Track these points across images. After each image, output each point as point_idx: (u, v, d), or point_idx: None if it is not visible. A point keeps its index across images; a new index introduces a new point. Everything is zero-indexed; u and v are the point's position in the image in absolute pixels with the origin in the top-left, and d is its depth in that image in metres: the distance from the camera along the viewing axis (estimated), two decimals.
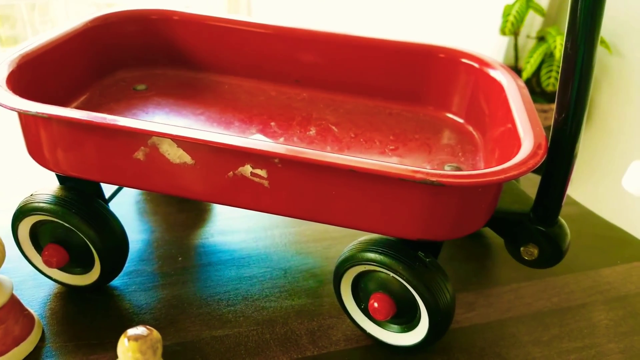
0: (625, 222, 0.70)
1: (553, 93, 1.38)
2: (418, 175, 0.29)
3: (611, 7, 1.38)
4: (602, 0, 0.30)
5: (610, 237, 0.53)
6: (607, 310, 0.44)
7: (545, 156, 0.32)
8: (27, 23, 1.32)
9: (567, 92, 0.33)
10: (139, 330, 0.22)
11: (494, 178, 0.29)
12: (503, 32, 1.45)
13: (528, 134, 0.34)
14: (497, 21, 1.46)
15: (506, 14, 1.41)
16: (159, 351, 0.23)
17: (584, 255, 0.50)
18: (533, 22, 1.54)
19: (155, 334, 0.23)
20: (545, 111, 1.46)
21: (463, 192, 0.31)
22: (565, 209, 0.57)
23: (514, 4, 1.41)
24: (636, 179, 0.67)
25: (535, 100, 1.46)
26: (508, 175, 0.29)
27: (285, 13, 1.43)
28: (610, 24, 1.38)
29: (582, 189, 1.53)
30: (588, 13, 0.30)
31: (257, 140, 0.31)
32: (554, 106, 0.36)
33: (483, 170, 0.30)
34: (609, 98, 1.43)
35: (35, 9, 1.32)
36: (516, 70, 1.55)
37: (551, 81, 1.44)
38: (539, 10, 1.43)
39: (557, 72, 1.41)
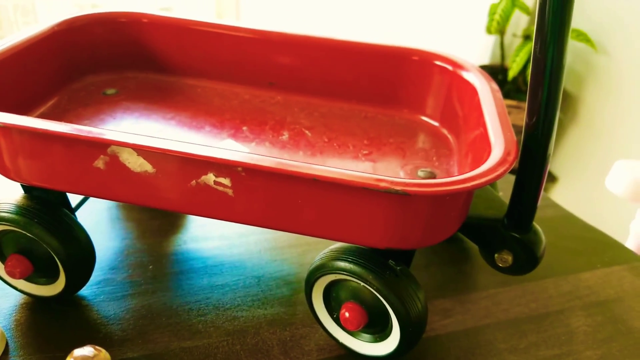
0: (608, 223, 0.70)
1: None
2: (382, 184, 0.28)
3: (596, 5, 1.38)
4: (570, 2, 0.30)
5: (590, 239, 0.53)
6: (585, 316, 0.44)
7: (514, 163, 0.32)
8: (14, 24, 1.30)
9: (537, 96, 0.32)
10: (86, 350, 0.21)
11: (460, 186, 0.29)
12: (489, 31, 1.44)
13: (499, 139, 0.33)
14: (483, 20, 1.46)
15: (492, 12, 1.41)
16: None
17: (563, 259, 0.50)
18: (519, 21, 1.55)
19: (104, 354, 0.22)
20: None
21: (430, 200, 0.30)
22: (544, 211, 0.56)
23: (499, 3, 1.40)
24: (619, 179, 0.67)
25: (521, 99, 1.46)
26: (475, 183, 0.29)
27: (273, 16, 1.42)
28: (596, 22, 1.38)
29: (565, 189, 1.53)
30: (556, 15, 0.29)
31: (217, 148, 0.30)
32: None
33: (449, 178, 0.29)
34: (594, 96, 1.43)
35: (18, 9, 1.30)
36: (502, 68, 1.55)
37: None
38: (524, 9, 1.43)
39: None
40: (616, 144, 1.35)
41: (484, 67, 1.59)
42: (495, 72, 1.54)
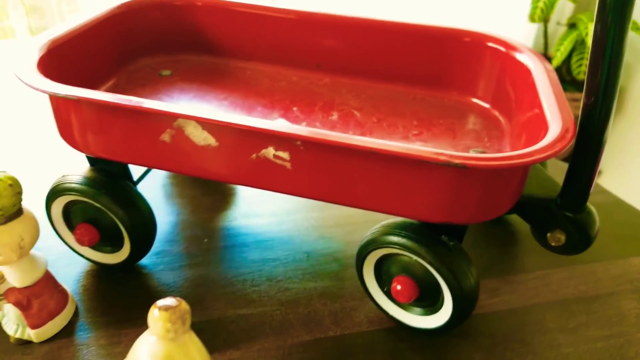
0: None
1: (584, 81, 1.34)
2: (441, 158, 0.29)
3: None
4: None
5: (639, 225, 0.52)
6: (636, 299, 0.43)
7: (573, 140, 0.32)
8: (56, 14, 1.35)
9: (597, 76, 0.32)
10: (169, 301, 0.23)
11: (520, 161, 0.29)
12: (532, 18, 1.41)
13: (556, 117, 0.33)
14: (526, 7, 1.42)
15: (536, 0, 1.38)
16: (188, 322, 0.24)
17: (612, 244, 0.49)
18: (564, 9, 1.50)
19: (184, 305, 0.23)
20: (575, 100, 1.42)
21: (487, 175, 0.31)
22: (593, 197, 0.55)
23: None
24: None
25: (565, 89, 1.42)
26: (534, 158, 0.29)
27: None
28: None
29: (611, 178, 1.49)
30: None
31: (279, 123, 0.32)
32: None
33: (508, 153, 0.29)
34: None
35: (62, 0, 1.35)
36: (546, 57, 1.51)
37: (582, 69, 1.40)
38: None
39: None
40: None
41: None
42: None
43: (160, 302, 0.23)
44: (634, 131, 1.41)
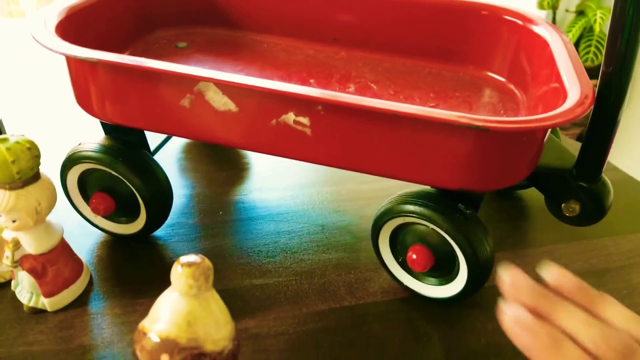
0: None
1: (592, 68, 1.33)
2: (462, 120, 0.29)
3: None
4: None
5: None
6: None
7: (592, 106, 0.32)
8: None
9: (616, 45, 0.32)
10: (192, 257, 0.23)
11: (541, 124, 0.29)
12: (541, 5, 1.40)
13: (574, 84, 0.33)
14: None
15: None
16: (211, 279, 0.24)
17: (623, 219, 0.49)
18: None
19: (207, 262, 0.24)
20: None
21: (507, 139, 0.31)
22: (605, 174, 0.56)
23: None
24: None
25: None
26: (554, 122, 0.29)
27: None
28: None
29: (624, 158, 1.49)
30: None
31: (300, 87, 0.32)
32: (595, 82, 0.35)
33: (529, 116, 0.29)
34: None
35: None
36: None
37: (590, 56, 1.39)
38: None
39: (597, 47, 1.37)
40: None
41: None
42: None
43: (184, 259, 0.23)
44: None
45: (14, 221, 0.33)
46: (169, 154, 0.54)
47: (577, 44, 1.39)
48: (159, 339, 0.22)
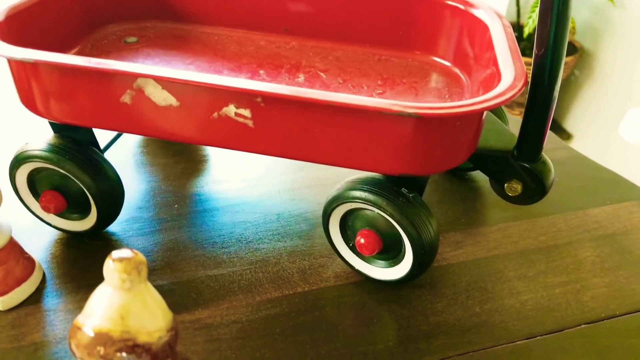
0: (621, 169, 0.70)
1: None
2: (395, 108, 0.29)
3: None
4: None
5: (600, 178, 0.54)
6: (593, 247, 0.45)
7: (523, 88, 0.33)
8: None
9: (546, 27, 0.33)
10: (124, 252, 0.24)
11: (472, 108, 0.30)
12: None
13: (509, 68, 0.34)
14: None
15: None
16: (144, 273, 0.24)
17: (573, 196, 0.51)
18: None
19: (140, 256, 0.24)
20: None
21: (441, 124, 0.32)
22: (556, 153, 0.57)
23: None
24: (633, 126, 0.67)
25: None
26: (484, 105, 0.30)
27: None
28: None
29: (580, 146, 1.52)
30: None
31: (238, 79, 0.32)
32: None
33: (460, 102, 0.30)
34: (610, 52, 1.41)
35: None
36: (518, 26, 1.52)
37: None
38: None
39: None
40: (632, 98, 1.33)
41: None
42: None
43: (115, 254, 0.23)
44: (603, 95, 1.44)
45: None
46: (125, 149, 0.54)
47: None
48: (93, 333, 0.23)
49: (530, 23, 1.39)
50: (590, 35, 1.47)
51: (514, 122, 0.54)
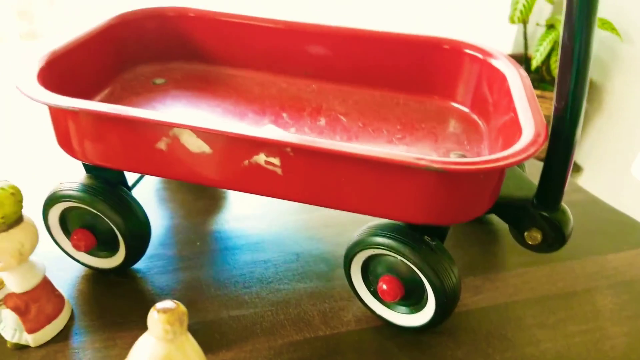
0: (633, 209, 0.71)
1: None
2: (422, 163, 0.30)
3: None
4: None
5: (616, 222, 0.54)
6: (612, 294, 0.45)
7: (544, 144, 0.34)
8: (46, 18, 1.35)
9: (566, 82, 0.34)
10: (167, 304, 0.24)
11: (495, 165, 0.31)
12: (512, 20, 1.44)
13: (529, 122, 0.35)
14: (506, 10, 1.46)
15: (515, 2, 1.41)
16: (185, 323, 0.25)
17: (589, 241, 0.51)
18: (542, 10, 1.54)
19: (182, 307, 0.25)
20: None
21: (465, 178, 0.33)
22: (571, 196, 0.58)
23: None
24: None
25: (545, 88, 1.46)
26: (508, 162, 0.31)
27: (293, 6, 1.44)
28: (621, 10, 1.37)
29: (591, 179, 1.53)
30: (584, 3, 0.31)
31: (270, 131, 0.33)
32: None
33: (484, 157, 0.31)
34: (619, 85, 1.42)
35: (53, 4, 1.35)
36: (526, 58, 1.54)
37: None
38: None
39: None
40: None
41: None
42: (519, 61, 1.53)
43: (159, 305, 0.24)
44: (612, 128, 1.45)
45: None
46: (148, 185, 0.55)
47: (548, 57, 1.43)
48: None
49: (538, 56, 1.41)
50: (598, 68, 1.48)
51: (534, 165, 0.55)
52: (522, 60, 1.54)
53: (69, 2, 1.35)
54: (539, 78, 1.51)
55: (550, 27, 1.46)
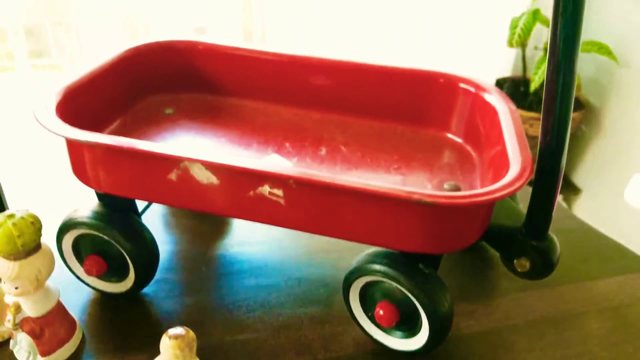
0: (626, 234, 0.73)
1: None
2: (415, 197, 0.33)
3: (618, 18, 1.40)
4: (578, 32, 0.33)
5: (605, 248, 0.56)
6: (600, 320, 0.47)
7: (530, 178, 0.36)
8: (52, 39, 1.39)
9: (550, 117, 0.36)
10: (178, 330, 0.27)
11: (482, 199, 0.33)
12: (511, 44, 1.48)
13: (516, 157, 0.37)
14: (505, 33, 1.49)
15: (513, 26, 1.45)
16: (194, 349, 0.27)
17: (579, 267, 0.53)
18: (541, 34, 1.57)
19: (191, 333, 0.27)
20: None
21: (456, 210, 0.35)
22: (563, 223, 0.60)
23: (520, 17, 1.44)
24: (638, 191, 0.70)
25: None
26: (495, 196, 0.33)
27: (296, 40, 1.48)
28: (618, 35, 1.40)
29: (588, 201, 1.55)
30: (567, 42, 0.33)
31: (275, 165, 0.36)
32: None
33: (472, 191, 0.34)
34: (616, 109, 1.45)
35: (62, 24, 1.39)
36: (524, 80, 1.57)
37: None
38: (546, 22, 1.46)
39: None
40: (638, 156, 1.36)
41: (505, 80, 1.62)
42: (517, 84, 1.57)
43: (171, 331, 0.26)
44: (610, 150, 1.48)
45: (16, 288, 0.36)
46: (154, 211, 0.57)
47: None
48: None
49: (537, 79, 1.44)
50: (595, 92, 1.51)
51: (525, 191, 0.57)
52: (521, 82, 1.57)
53: (77, 23, 1.39)
54: (538, 100, 1.54)
55: None
